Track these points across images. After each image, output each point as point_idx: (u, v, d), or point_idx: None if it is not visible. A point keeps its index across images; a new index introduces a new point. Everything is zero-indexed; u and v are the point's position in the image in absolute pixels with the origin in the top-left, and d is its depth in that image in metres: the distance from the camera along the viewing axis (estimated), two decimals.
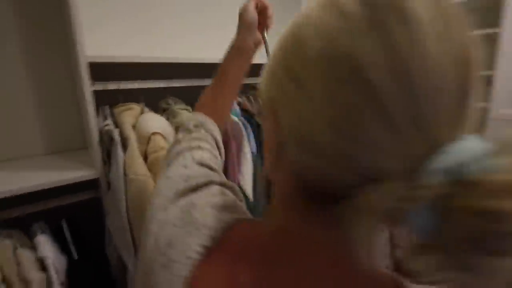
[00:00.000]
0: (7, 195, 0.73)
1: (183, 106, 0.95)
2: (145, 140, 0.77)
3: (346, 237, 0.19)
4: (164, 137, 0.79)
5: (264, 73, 0.26)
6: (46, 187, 0.77)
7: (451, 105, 0.19)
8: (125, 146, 0.79)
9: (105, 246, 0.90)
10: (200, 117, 0.46)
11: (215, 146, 0.44)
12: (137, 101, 0.91)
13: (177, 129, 0.89)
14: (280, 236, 0.26)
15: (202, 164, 0.37)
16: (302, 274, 0.24)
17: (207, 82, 0.98)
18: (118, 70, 0.89)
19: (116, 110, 0.85)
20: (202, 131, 0.44)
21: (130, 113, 0.84)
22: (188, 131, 0.44)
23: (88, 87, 0.78)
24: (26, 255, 0.75)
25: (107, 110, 0.87)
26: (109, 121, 0.81)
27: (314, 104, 0.21)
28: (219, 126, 0.48)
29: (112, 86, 0.86)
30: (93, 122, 0.81)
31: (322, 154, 0.21)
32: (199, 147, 0.40)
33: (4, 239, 0.75)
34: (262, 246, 0.26)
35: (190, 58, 0.92)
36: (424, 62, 0.18)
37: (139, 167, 0.71)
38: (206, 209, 0.30)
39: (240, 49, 0.52)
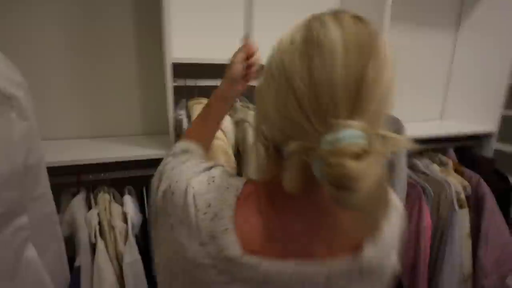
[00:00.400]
0: (109, 161, 0.98)
1: (245, 103, 1.05)
2: None
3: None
4: (221, 128, 0.91)
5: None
6: (133, 159, 1.00)
7: (345, 104, 0.30)
8: None
9: None
10: (185, 143, 0.55)
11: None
12: (209, 96, 1.06)
13: (236, 123, 1.00)
14: (270, 182, 0.40)
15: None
16: (289, 204, 0.38)
17: None
18: (196, 69, 1.04)
19: (190, 103, 1.01)
20: (188, 154, 0.52)
21: (199, 106, 0.98)
22: (175, 155, 0.52)
23: (170, 83, 0.96)
24: (116, 208, 0.98)
25: (183, 102, 1.04)
26: (182, 112, 0.97)
27: (268, 90, 0.35)
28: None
29: (190, 82, 1.03)
30: (171, 112, 0.98)
31: (274, 127, 0.36)
32: (188, 160, 0.49)
33: (104, 193, 1.01)
34: (264, 190, 0.40)
35: None
36: (328, 79, 0.30)
37: None
38: (224, 177, 0.42)
39: (223, 96, 0.63)
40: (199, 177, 0.41)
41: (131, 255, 0.88)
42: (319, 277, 0.36)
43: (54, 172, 0.89)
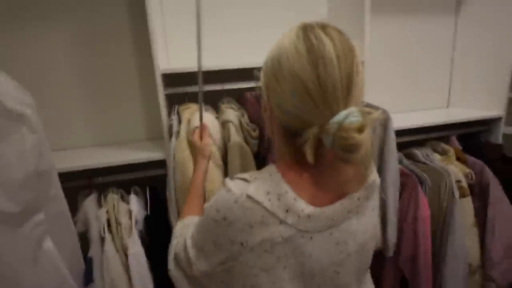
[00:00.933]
0: (116, 164, 1.11)
1: (231, 105, 1.12)
2: (191, 132, 0.99)
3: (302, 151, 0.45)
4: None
5: (262, 75, 0.51)
6: (137, 162, 1.12)
7: (342, 95, 0.43)
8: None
9: None
10: (180, 223, 0.68)
11: None
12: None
13: (223, 124, 1.08)
14: (288, 160, 0.51)
15: None
16: (308, 172, 0.50)
17: (251, 84, 1.13)
18: (185, 77, 1.14)
19: (180, 108, 1.11)
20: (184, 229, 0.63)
21: (188, 111, 1.08)
22: (177, 237, 0.63)
23: (161, 92, 1.07)
24: (122, 206, 1.10)
25: (175, 108, 1.14)
26: (174, 117, 1.08)
27: (283, 91, 0.46)
28: None
29: (180, 90, 1.13)
30: (164, 117, 1.09)
31: (288, 114, 0.46)
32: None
33: (113, 193, 1.14)
34: (288, 166, 0.51)
35: (237, 64, 1.07)
36: (329, 76, 0.43)
37: (181, 151, 0.95)
38: (255, 172, 0.52)
39: (205, 172, 0.84)
40: (233, 187, 0.48)
41: (134, 247, 1.00)
42: (353, 203, 0.52)
43: (69, 177, 1.04)
